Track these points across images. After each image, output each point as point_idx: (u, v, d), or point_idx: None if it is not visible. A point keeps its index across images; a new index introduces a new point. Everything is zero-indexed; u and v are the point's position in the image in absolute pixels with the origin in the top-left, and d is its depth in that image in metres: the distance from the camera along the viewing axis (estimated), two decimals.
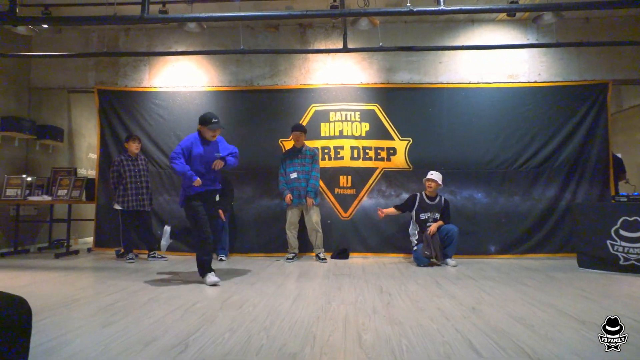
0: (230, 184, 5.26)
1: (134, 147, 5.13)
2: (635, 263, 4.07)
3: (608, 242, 4.24)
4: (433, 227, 4.81)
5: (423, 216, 4.94)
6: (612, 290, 3.47)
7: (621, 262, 4.14)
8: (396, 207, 5.11)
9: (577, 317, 2.61)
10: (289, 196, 4.99)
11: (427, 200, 4.97)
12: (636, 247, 4.07)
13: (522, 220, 5.44)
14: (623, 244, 4.14)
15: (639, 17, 5.68)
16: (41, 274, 4.16)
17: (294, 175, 5.03)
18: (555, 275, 4.13)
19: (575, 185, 5.46)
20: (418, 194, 5.03)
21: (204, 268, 3.71)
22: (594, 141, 5.48)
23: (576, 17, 5.68)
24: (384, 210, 5.05)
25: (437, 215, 4.92)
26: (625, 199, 4.38)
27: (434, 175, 4.95)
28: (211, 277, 3.63)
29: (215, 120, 3.80)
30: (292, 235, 5.11)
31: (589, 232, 4.38)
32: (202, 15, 4.14)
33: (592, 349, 2.05)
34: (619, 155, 5.96)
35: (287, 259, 5.04)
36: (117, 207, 5.04)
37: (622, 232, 4.16)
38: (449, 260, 4.82)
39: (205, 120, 3.80)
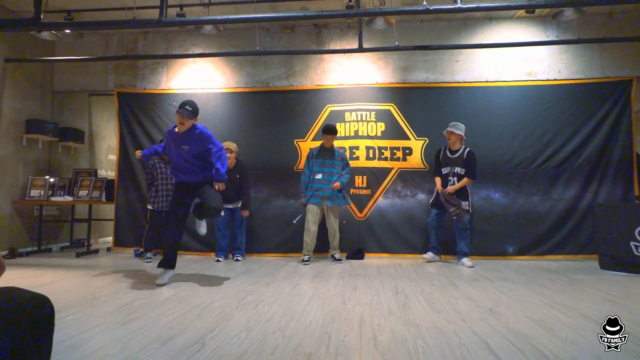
0: (243, 170, 5.25)
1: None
2: None
3: (632, 243, 4.12)
4: (451, 189, 4.78)
5: (444, 170, 4.92)
6: (636, 292, 3.37)
7: None
8: (436, 174, 5.04)
9: (600, 320, 2.54)
10: (302, 200, 5.03)
11: (448, 154, 4.92)
12: None
13: (541, 220, 5.33)
14: None
15: None
16: (63, 272, 4.27)
17: (319, 176, 4.97)
18: (576, 277, 4.04)
19: (597, 185, 5.32)
20: (442, 148, 5.01)
21: (164, 261, 3.80)
22: (617, 140, 5.34)
23: (598, 12, 5.54)
24: (439, 187, 4.95)
25: (458, 170, 4.82)
26: None
27: (452, 127, 4.85)
28: (162, 278, 3.69)
29: (181, 105, 3.61)
30: (309, 236, 4.98)
31: (612, 233, 4.27)
32: (219, 17, 4.19)
33: (614, 353, 1.99)
34: None
35: (303, 260, 4.95)
36: (149, 207, 5.22)
37: None
38: (464, 260, 4.75)
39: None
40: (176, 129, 3.69)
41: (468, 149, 4.89)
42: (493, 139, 5.48)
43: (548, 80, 5.56)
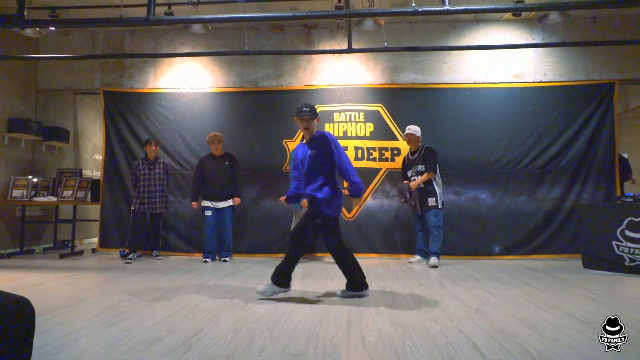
0: (232, 157, 5.26)
1: (150, 151, 5.27)
2: None
3: (614, 243, 4.20)
4: (413, 184, 4.87)
5: (409, 173, 5.03)
6: (617, 291, 3.44)
7: (626, 263, 4.11)
8: (404, 180, 5.13)
9: (583, 318, 2.59)
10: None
11: (409, 157, 5.06)
12: None
13: (526, 220, 5.40)
14: (629, 244, 4.11)
15: None
16: (46, 274, 4.19)
17: None
18: (560, 276, 4.10)
19: (581, 186, 5.42)
20: (407, 154, 5.16)
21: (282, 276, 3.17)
22: (600, 141, 5.44)
23: (583, 16, 5.65)
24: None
25: (420, 167, 4.89)
26: (631, 200, 4.35)
27: (411, 129, 4.95)
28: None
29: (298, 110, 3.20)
30: None
31: (595, 232, 4.35)
32: (207, 16, 4.16)
33: (598, 351, 2.03)
34: (625, 155, 5.91)
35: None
36: (132, 208, 5.24)
37: (627, 233, 4.12)
38: (432, 258, 4.73)
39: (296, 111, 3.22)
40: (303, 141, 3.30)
41: (425, 146, 4.98)
42: (480, 140, 5.54)
43: (534, 82, 5.65)
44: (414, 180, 4.91)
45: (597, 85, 5.53)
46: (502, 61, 5.70)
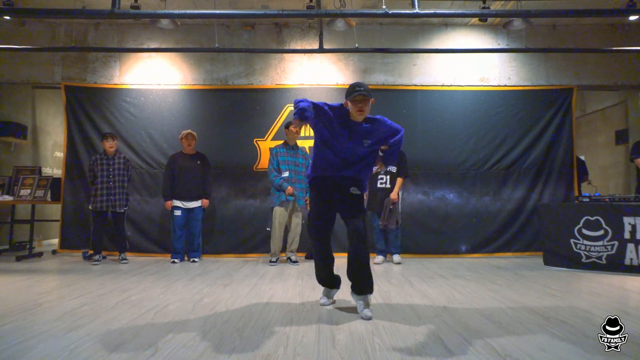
0: (204, 157, 5.19)
1: (107, 146, 5.00)
2: (596, 261, 4.26)
3: (571, 240, 4.41)
4: (395, 197, 4.75)
5: (374, 168, 4.90)
6: (574, 287, 3.62)
7: (583, 260, 4.33)
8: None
9: (543, 313, 2.71)
10: (290, 188, 4.73)
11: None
12: (597, 246, 4.26)
13: (492, 220, 5.59)
14: (585, 242, 4.33)
15: (602, 26, 5.95)
16: (1, 277, 3.97)
17: (285, 174, 4.78)
18: (522, 273, 4.27)
19: (542, 186, 5.66)
20: None
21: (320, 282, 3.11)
22: (560, 144, 5.70)
23: (544, 24, 5.90)
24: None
25: (390, 168, 4.77)
26: (588, 200, 4.57)
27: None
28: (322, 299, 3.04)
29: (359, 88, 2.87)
30: (278, 237, 4.82)
31: (554, 231, 4.55)
32: (176, 12, 4.06)
33: (556, 344, 2.12)
34: (582, 157, 6.22)
35: (271, 262, 4.80)
36: (90, 207, 4.97)
37: (584, 231, 4.34)
38: (395, 257, 4.87)
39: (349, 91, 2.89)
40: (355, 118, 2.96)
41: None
42: (448, 141, 5.68)
43: (499, 86, 5.85)
44: (382, 179, 4.84)
45: (557, 90, 5.79)
46: (469, 65, 5.87)
